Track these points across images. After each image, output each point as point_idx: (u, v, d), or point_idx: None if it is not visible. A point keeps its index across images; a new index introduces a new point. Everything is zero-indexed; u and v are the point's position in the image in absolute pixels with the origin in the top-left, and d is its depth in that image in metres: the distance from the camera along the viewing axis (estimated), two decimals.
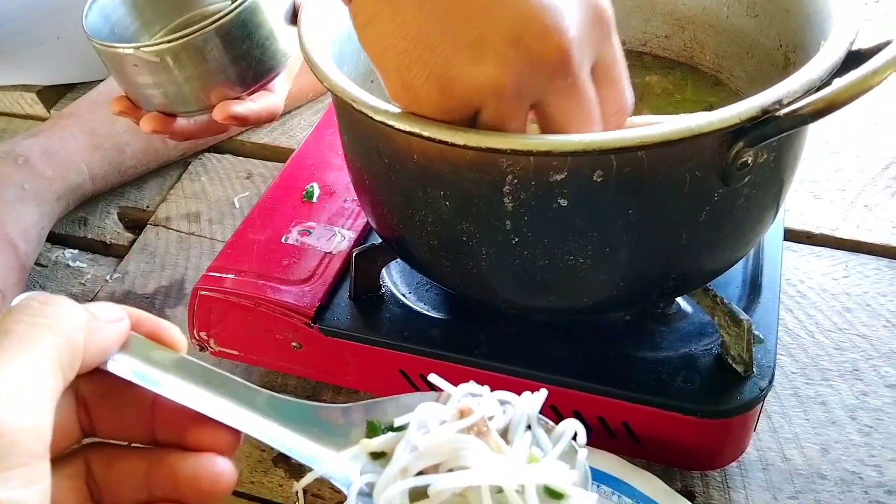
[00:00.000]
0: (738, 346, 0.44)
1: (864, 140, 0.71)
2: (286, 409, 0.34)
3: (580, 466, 0.33)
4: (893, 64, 0.34)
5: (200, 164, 0.80)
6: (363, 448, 0.33)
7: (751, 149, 0.36)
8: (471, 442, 0.31)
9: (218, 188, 0.77)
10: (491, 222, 0.39)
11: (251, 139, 0.82)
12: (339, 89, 0.39)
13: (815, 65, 0.36)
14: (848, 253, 0.62)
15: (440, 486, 0.30)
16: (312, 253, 0.55)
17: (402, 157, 0.40)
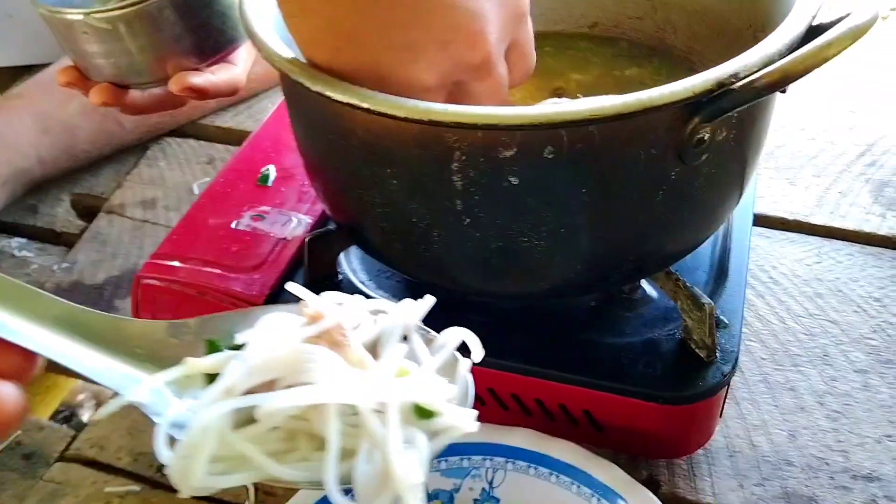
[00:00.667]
0: (701, 331, 0.44)
1: (840, 127, 0.71)
2: (93, 325, 0.28)
3: (460, 380, 0.29)
4: (849, 36, 0.33)
5: (160, 149, 0.78)
6: (190, 369, 0.27)
7: (707, 124, 0.35)
8: (319, 353, 0.26)
9: (177, 174, 0.75)
10: (441, 202, 0.38)
11: (214, 122, 0.80)
12: (276, 57, 0.38)
13: (774, 39, 0.36)
14: (821, 239, 0.62)
15: (270, 405, 0.24)
16: (265, 239, 0.53)
17: (345, 133, 0.39)
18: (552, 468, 0.43)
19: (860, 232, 0.62)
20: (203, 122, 0.80)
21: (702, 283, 0.49)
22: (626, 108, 0.33)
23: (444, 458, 0.44)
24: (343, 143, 0.40)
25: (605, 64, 0.54)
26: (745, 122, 0.39)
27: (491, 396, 0.48)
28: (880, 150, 0.69)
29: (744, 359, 0.54)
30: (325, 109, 0.39)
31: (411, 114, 0.34)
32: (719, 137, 0.37)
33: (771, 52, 0.35)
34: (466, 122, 0.34)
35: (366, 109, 0.35)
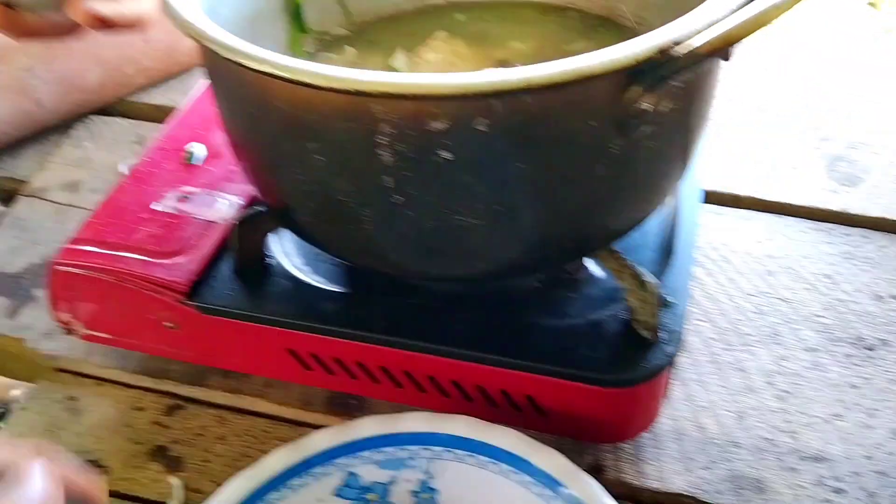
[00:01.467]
0: (645, 311, 0.43)
1: (794, 100, 0.71)
2: None
3: None
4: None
5: (85, 129, 0.75)
6: None
7: (649, 94, 0.34)
8: None
9: (104, 154, 0.72)
10: (369, 179, 0.37)
11: (144, 100, 0.77)
12: (186, 23, 0.36)
13: (717, 3, 0.35)
14: (773, 215, 0.62)
15: None
16: (190, 221, 0.51)
17: (265, 105, 0.37)
18: (492, 456, 0.42)
19: (812, 208, 0.62)
20: (132, 99, 0.77)
21: (648, 262, 0.48)
22: (562, 76, 0.32)
23: (379, 448, 0.42)
24: (263, 117, 0.38)
25: (552, 35, 0.53)
26: (689, 92, 0.38)
27: (431, 384, 0.47)
28: (833, 123, 0.69)
29: (692, 339, 0.54)
30: (242, 79, 0.37)
31: (333, 83, 0.33)
32: (662, 108, 0.36)
33: (714, 16, 0.34)
34: (392, 91, 0.32)
35: (284, 78, 0.33)
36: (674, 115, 0.38)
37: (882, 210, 0.61)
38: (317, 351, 0.48)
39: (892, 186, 0.63)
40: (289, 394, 0.53)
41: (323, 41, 0.55)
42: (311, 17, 0.53)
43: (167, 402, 0.54)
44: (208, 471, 0.50)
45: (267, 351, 0.50)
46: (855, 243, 0.60)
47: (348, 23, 0.55)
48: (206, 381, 0.54)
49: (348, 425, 0.44)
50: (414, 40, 0.53)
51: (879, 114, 0.69)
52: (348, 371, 0.49)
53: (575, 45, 0.51)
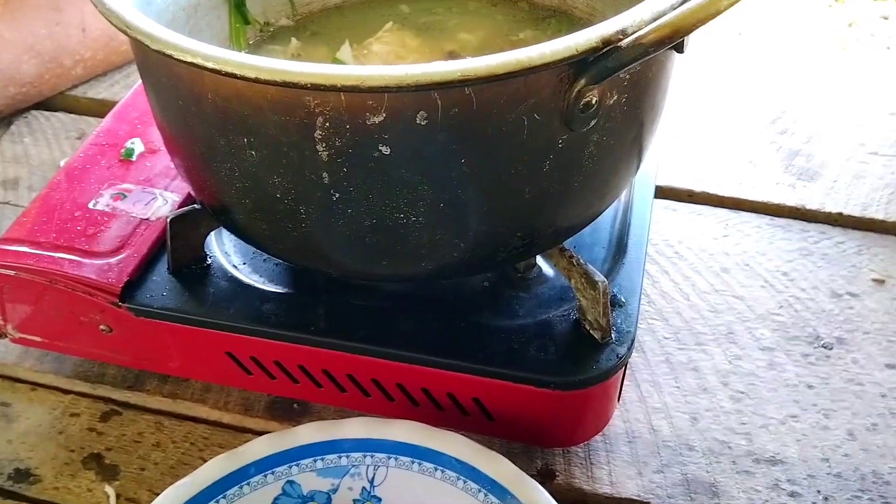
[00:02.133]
0: (595, 311, 0.42)
1: (752, 92, 0.71)
2: None
3: None
4: None
5: (25, 124, 0.73)
6: None
7: (595, 87, 0.34)
8: None
9: (43, 150, 0.70)
10: (306, 175, 0.36)
11: (86, 94, 0.75)
12: (112, 14, 0.34)
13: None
14: (729, 211, 0.62)
15: None
16: (125, 220, 0.49)
17: (196, 98, 0.35)
18: (437, 463, 0.41)
19: (769, 203, 0.62)
20: (73, 93, 0.74)
21: (600, 260, 0.48)
22: (503, 67, 0.31)
23: (320, 456, 0.41)
24: (194, 111, 0.36)
25: (502, 26, 0.52)
26: (639, 84, 0.37)
27: (375, 388, 0.46)
28: (792, 117, 0.69)
29: (646, 338, 0.53)
30: (172, 72, 0.36)
31: (263, 74, 0.31)
32: (609, 101, 0.35)
33: (663, 6, 0.33)
34: (325, 83, 0.31)
35: (212, 70, 0.32)
36: (623, 108, 0.37)
37: (840, 205, 0.61)
38: (257, 354, 0.47)
39: (849, 181, 0.63)
40: (229, 399, 0.51)
41: (266, 33, 0.53)
42: (254, 8, 0.52)
43: (103, 408, 0.52)
44: (144, 479, 0.48)
45: (205, 355, 0.48)
46: (812, 239, 0.60)
47: (293, 13, 0.54)
48: (144, 385, 0.52)
49: (287, 432, 0.43)
50: (361, 32, 0.52)
51: (838, 107, 0.70)
52: (290, 375, 0.47)
53: (524, 35, 0.50)
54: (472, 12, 0.53)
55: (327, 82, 0.31)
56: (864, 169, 0.64)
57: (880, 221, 0.60)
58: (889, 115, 0.68)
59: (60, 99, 0.75)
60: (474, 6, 0.53)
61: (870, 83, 0.72)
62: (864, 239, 0.59)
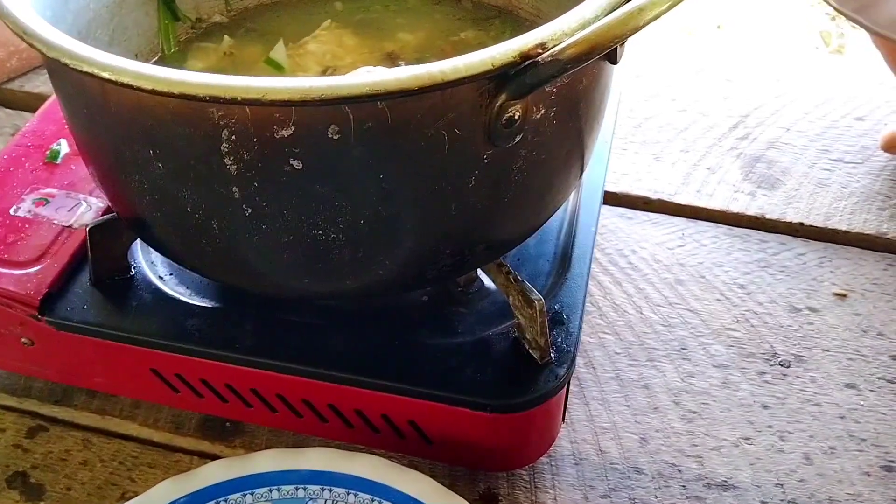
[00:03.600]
0: (533, 330, 0.41)
1: (713, 97, 0.70)
2: None
3: None
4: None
5: None
6: None
7: (517, 101, 0.32)
8: None
9: None
10: (215, 189, 0.34)
11: (24, 87, 0.73)
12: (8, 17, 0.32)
13: (591, 3, 0.33)
14: (686, 220, 0.60)
15: None
16: (46, 227, 0.48)
17: (100, 108, 0.34)
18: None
19: (727, 212, 0.61)
20: (9, 86, 0.72)
21: (544, 274, 0.47)
22: (415, 81, 0.29)
23: (277, 486, 0.40)
24: (99, 121, 0.35)
25: (444, 26, 0.50)
26: (569, 97, 0.36)
27: (307, 408, 0.45)
28: (754, 121, 0.68)
29: (596, 353, 0.52)
30: (75, 80, 0.34)
31: (159, 85, 0.30)
32: (536, 116, 0.34)
33: (586, 16, 0.32)
34: (224, 95, 0.29)
35: (109, 80, 0.30)
36: (553, 122, 0.35)
37: (801, 215, 0.60)
38: (182, 372, 0.45)
39: (812, 189, 0.62)
40: (159, 415, 0.50)
41: (198, 29, 0.51)
42: (185, 3, 0.50)
43: (29, 423, 0.50)
44: (71, 500, 0.47)
45: (130, 371, 0.47)
46: (771, 250, 0.59)
47: (227, 9, 0.52)
48: (72, 400, 0.51)
49: (244, 458, 0.42)
50: (298, 30, 0.50)
51: (800, 113, 0.68)
52: (217, 394, 0.46)
53: (465, 35, 0.49)
54: (411, 10, 0.51)
55: (227, 95, 0.29)
56: (828, 177, 0.63)
57: (843, 232, 0.59)
58: (855, 119, 0.67)
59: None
60: (414, 4, 0.52)
61: (839, 85, 0.71)
62: (825, 250, 0.58)
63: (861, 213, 0.60)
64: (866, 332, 0.54)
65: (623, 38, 0.30)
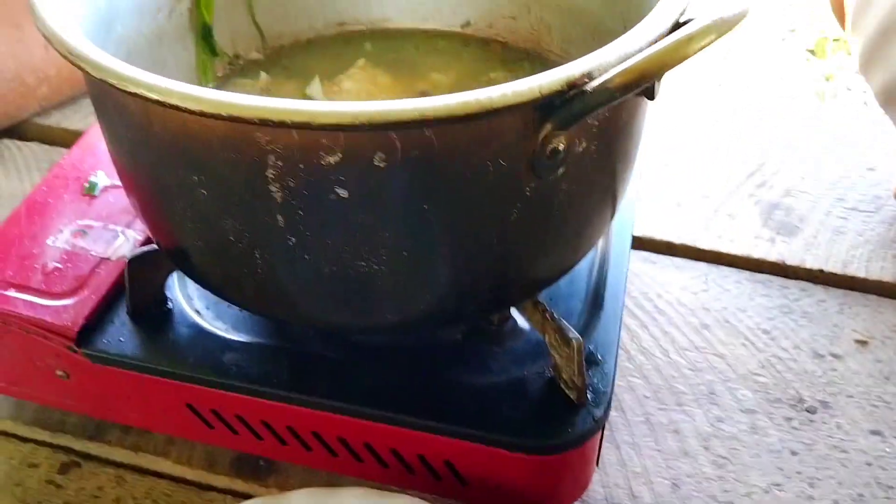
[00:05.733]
0: (570, 369, 0.38)
1: (731, 145, 0.68)
2: None
3: None
4: (713, 29, 0.28)
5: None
6: None
7: (562, 132, 0.30)
8: None
9: (14, 181, 0.66)
10: (259, 217, 0.32)
11: (61, 124, 0.71)
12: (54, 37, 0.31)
13: (634, 35, 0.31)
14: (708, 265, 0.58)
15: None
16: (84, 258, 0.45)
17: (144, 131, 0.32)
18: None
19: (749, 258, 0.58)
20: (47, 122, 0.71)
21: (576, 313, 0.44)
22: (462, 108, 0.27)
23: None
24: (143, 146, 0.33)
25: (474, 67, 0.49)
26: (609, 131, 0.33)
27: (342, 447, 0.41)
28: (770, 169, 0.65)
29: (626, 396, 0.49)
30: (119, 103, 0.32)
31: (208, 107, 0.28)
32: (579, 149, 0.32)
33: (630, 49, 0.30)
34: (274, 118, 0.27)
35: (156, 101, 0.28)
36: (594, 156, 0.33)
37: (820, 262, 0.58)
38: (218, 407, 0.42)
39: (829, 237, 0.60)
40: (193, 453, 0.46)
41: (236, 66, 0.50)
42: (222, 39, 0.49)
43: (63, 459, 0.47)
44: None
45: (166, 406, 0.44)
46: (793, 296, 0.56)
47: (263, 47, 0.51)
48: (105, 435, 0.47)
49: (278, 498, 0.39)
50: (333, 67, 0.48)
51: (817, 161, 0.66)
52: (253, 431, 0.43)
53: (496, 76, 0.47)
54: (441, 51, 0.50)
55: (276, 118, 0.27)
56: (844, 225, 0.61)
57: (861, 280, 0.57)
58: (867, 170, 0.65)
59: (33, 128, 0.71)
60: (444, 45, 0.50)
61: (847, 137, 0.69)
62: (845, 297, 0.56)
63: (877, 261, 0.58)
64: (888, 378, 0.51)
65: (671, 66, 0.27)
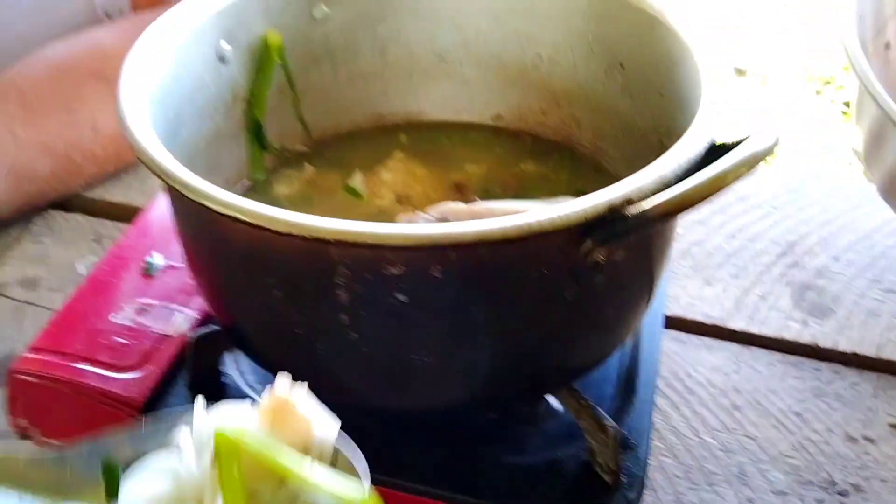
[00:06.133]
0: (605, 454, 0.44)
1: (761, 224, 0.73)
2: None
3: None
4: (748, 163, 0.35)
5: (45, 224, 0.76)
6: None
7: (601, 247, 0.37)
8: None
9: (62, 251, 0.74)
10: (325, 315, 0.39)
11: (103, 197, 0.79)
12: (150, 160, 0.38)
13: (669, 159, 0.38)
14: (739, 345, 0.63)
15: None
16: (146, 334, 0.53)
17: (224, 240, 0.39)
18: None
19: (781, 339, 0.63)
20: (91, 195, 0.79)
21: (608, 398, 0.50)
22: (514, 231, 0.34)
23: None
24: (221, 250, 0.40)
25: (506, 157, 0.56)
26: (646, 241, 0.40)
27: None
28: (802, 249, 0.71)
29: (656, 476, 0.54)
30: (205, 217, 0.39)
31: (292, 229, 0.35)
32: (617, 258, 0.38)
33: (667, 174, 0.37)
34: (350, 240, 0.34)
35: (245, 223, 0.35)
36: (632, 262, 0.40)
37: (853, 344, 0.63)
38: None
39: (862, 319, 0.65)
40: None
41: (283, 158, 0.57)
42: (271, 135, 0.56)
43: None
44: None
45: None
46: (825, 379, 0.61)
47: (308, 139, 0.58)
48: None
49: None
50: (371, 158, 0.56)
51: (849, 241, 0.72)
52: None
53: (526, 167, 0.54)
54: (473, 142, 0.57)
55: (353, 239, 0.34)
56: (878, 307, 0.66)
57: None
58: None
59: (77, 200, 0.78)
60: (475, 136, 0.57)
61: (884, 218, 0.74)
62: (879, 381, 0.61)
63: None
64: None
65: (708, 197, 0.34)
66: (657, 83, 0.48)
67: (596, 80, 0.52)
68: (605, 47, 0.51)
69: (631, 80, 0.50)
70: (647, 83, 0.49)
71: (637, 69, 0.49)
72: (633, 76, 0.50)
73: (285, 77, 0.54)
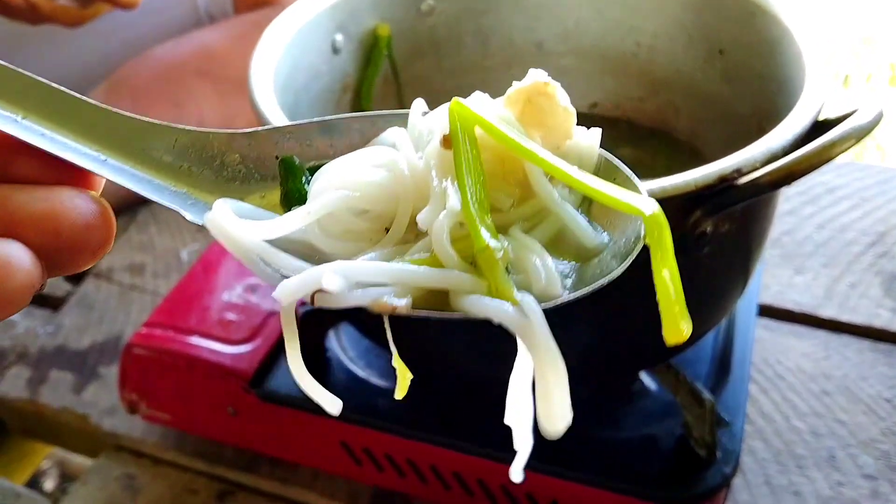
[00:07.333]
0: (701, 429, 0.44)
1: (851, 215, 0.72)
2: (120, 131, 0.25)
3: None
4: (853, 136, 0.34)
5: (150, 213, 0.80)
6: None
7: (709, 218, 0.37)
8: None
9: (166, 239, 0.77)
10: None
11: None
12: None
13: (778, 134, 0.37)
14: (829, 333, 0.62)
15: None
16: (256, 311, 0.54)
17: None
18: None
19: (870, 327, 0.62)
20: None
21: (703, 377, 0.50)
22: None
23: None
24: None
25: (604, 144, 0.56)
26: (750, 214, 0.40)
27: (480, 488, 0.48)
28: (892, 240, 0.70)
29: (746, 458, 0.54)
30: None
31: None
32: (722, 230, 0.38)
33: (775, 147, 0.36)
34: None
35: None
36: (735, 235, 0.40)
37: None
38: (369, 446, 0.50)
39: None
40: (336, 488, 0.54)
41: None
42: None
43: (219, 487, 0.55)
44: None
45: (320, 442, 0.51)
46: None
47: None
48: (257, 468, 0.55)
49: None
50: None
51: None
52: (398, 468, 0.50)
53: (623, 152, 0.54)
54: None
55: None
56: None
57: None
58: None
59: None
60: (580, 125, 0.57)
61: None
62: None
63: None
64: None
65: (815, 167, 0.34)
66: (757, 67, 0.47)
67: (695, 66, 0.52)
68: (704, 34, 0.51)
69: (730, 65, 0.50)
70: (747, 68, 0.49)
71: (737, 55, 0.49)
72: (733, 62, 0.49)
73: (391, 68, 0.55)
